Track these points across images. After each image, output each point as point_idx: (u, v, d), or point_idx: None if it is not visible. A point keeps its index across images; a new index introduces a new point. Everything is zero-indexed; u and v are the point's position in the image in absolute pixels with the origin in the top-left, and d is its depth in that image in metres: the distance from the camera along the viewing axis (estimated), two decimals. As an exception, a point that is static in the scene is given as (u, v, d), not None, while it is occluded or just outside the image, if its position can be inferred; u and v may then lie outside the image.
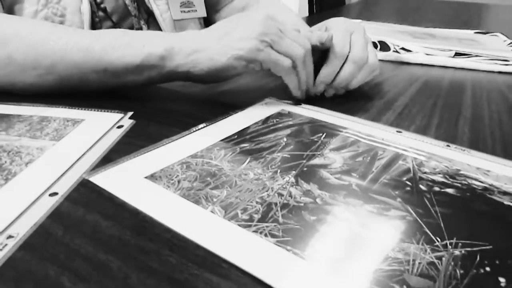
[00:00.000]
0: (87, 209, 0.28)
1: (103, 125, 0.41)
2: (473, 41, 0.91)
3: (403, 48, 0.78)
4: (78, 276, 0.23)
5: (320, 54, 0.51)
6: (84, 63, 0.44)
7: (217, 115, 0.44)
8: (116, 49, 0.44)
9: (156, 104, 0.48)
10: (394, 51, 0.77)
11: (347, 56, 0.50)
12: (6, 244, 0.25)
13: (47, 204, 0.29)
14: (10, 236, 0.26)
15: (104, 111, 0.44)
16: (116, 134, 0.39)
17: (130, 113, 0.44)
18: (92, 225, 0.27)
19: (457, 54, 0.78)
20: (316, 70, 0.50)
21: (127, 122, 0.42)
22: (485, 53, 0.79)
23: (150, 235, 0.26)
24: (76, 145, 0.37)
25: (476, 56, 0.78)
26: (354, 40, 0.50)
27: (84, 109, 0.44)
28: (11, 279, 0.22)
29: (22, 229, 0.26)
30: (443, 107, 0.53)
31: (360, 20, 1.04)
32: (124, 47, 0.44)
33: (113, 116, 0.43)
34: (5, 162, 0.33)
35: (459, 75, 0.71)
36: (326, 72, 0.50)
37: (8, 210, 0.28)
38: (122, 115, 0.43)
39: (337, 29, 0.51)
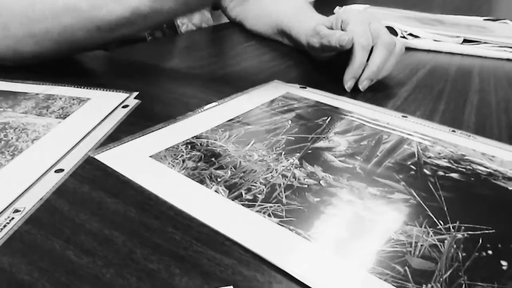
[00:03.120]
0: (92, 186, 0.29)
1: (109, 104, 0.41)
2: (482, 27, 0.89)
3: (410, 34, 0.77)
4: (83, 250, 0.23)
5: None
6: (76, 24, 0.43)
7: (222, 96, 0.44)
8: (104, 4, 0.43)
9: (161, 84, 0.48)
10: (401, 36, 0.76)
11: (376, 43, 0.49)
12: (13, 218, 0.25)
13: (53, 180, 0.29)
14: (16, 210, 0.26)
15: (110, 91, 0.44)
16: (121, 114, 0.39)
17: (135, 93, 0.44)
18: (97, 201, 0.27)
19: (466, 41, 0.77)
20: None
21: (132, 102, 0.42)
22: (494, 40, 0.78)
23: (154, 213, 0.26)
24: (81, 123, 0.37)
25: (485, 43, 0.77)
26: (376, 28, 0.50)
27: (90, 88, 0.44)
28: (18, 252, 0.23)
29: (28, 203, 0.26)
30: (449, 93, 0.53)
31: (367, 6, 1.03)
32: (111, 1, 0.43)
33: (118, 96, 0.43)
34: (12, 138, 0.34)
35: (467, 61, 0.70)
36: (356, 65, 0.49)
37: (14, 185, 0.28)
38: (127, 95, 0.43)
39: (354, 22, 0.50)
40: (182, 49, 0.68)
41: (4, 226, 0.24)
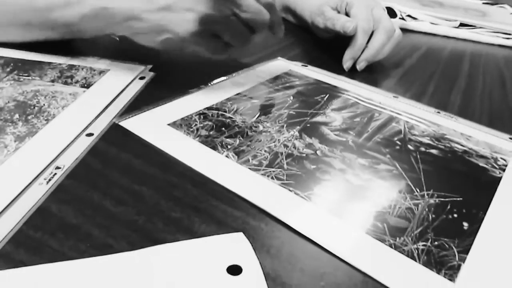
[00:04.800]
0: (119, 149, 0.33)
1: (127, 76, 0.45)
2: (479, 11, 0.93)
3: (409, 16, 0.81)
4: (118, 201, 0.28)
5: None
6: (34, 21, 0.44)
7: (230, 72, 0.48)
8: (56, 7, 0.42)
9: (173, 58, 0.52)
10: (400, 18, 0.80)
11: (377, 28, 0.53)
12: (55, 173, 0.30)
13: (85, 143, 0.33)
14: (57, 167, 0.30)
15: (126, 63, 0.47)
16: (139, 85, 0.43)
17: (150, 66, 0.47)
18: (125, 162, 0.32)
19: (462, 25, 0.81)
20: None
21: (148, 74, 0.46)
22: (489, 25, 0.81)
23: (175, 172, 0.31)
24: (104, 92, 0.41)
25: (480, 28, 0.80)
26: (378, 15, 0.54)
27: (107, 60, 0.48)
28: (64, 201, 0.27)
29: (67, 162, 0.31)
30: (440, 76, 0.57)
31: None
32: (62, 7, 0.42)
33: (135, 68, 0.47)
34: (44, 105, 0.38)
35: (461, 45, 0.74)
36: (356, 47, 0.53)
37: (53, 146, 0.32)
38: (143, 67, 0.47)
39: (358, 6, 0.54)
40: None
41: (50, 179, 0.29)
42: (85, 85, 0.42)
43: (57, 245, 0.24)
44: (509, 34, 0.80)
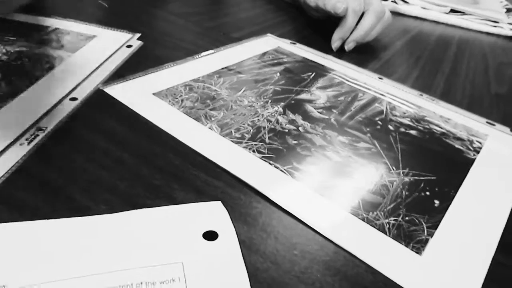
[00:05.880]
0: (103, 115, 0.33)
1: (114, 43, 0.44)
2: (471, -2, 0.93)
3: (401, -1, 0.81)
4: (100, 165, 0.28)
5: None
6: None
7: (218, 45, 0.48)
8: None
9: (162, 29, 0.52)
10: (392, 1, 0.80)
11: (368, 10, 0.53)
12: (37, 135, 0.30)
13: (69, 107, 0.33)
14: (40, 129, 0.30)
15: (114, 30, 0.47)
16: (126, 53, 0.43)
17: (138, 35, 0.47)
18: (109, 128, 0.32)
19: (452, 11, 0.81)
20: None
21: (135, 42, 0.45)
22: (479, 12, 0.82)
23: (157, 141, 0.31)
24: (90, 58, 0.40)
25: (469, 14, 0.81)
26: None
27: (95, 25, 0.47)
28: (46, 161, 0.28)
29: (50, 124, 0.31)
30: (426, 61, 0.58)
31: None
32: None
33: (122, 36, 0.46)
34: (28, 66, 0.37)
35: (449, 31, 0.74)
36: (346, 28, 0.53)
37: (35, 108, 0.32)
38: (131, 35, 0.47)
39: None
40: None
41: (31, 140, 0.29)
42: (71, 50, 0.41)
43: (37, 204, 0.25)
44: (497, 22, 0.81)
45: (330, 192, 0.29)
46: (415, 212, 0.29)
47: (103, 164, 0.28)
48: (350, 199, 0.29)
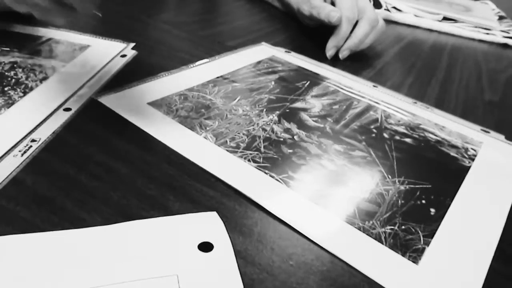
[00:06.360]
0: (97, 125, 0.33)
1: (108, 53, 0.44)
2: (463, 6, 0.94)
3: (394, 7, 0.81)
4: (93, 176, 0.28)
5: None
6: None
7: (213, 54, 0.48)
8: None
9: (156, 38, 0.52)
10: (385, 9, 0.80)
11: (362, 18, 0.53)
12: (31, 146, 0.29)
13: (63, 117, 0.33)
14: (33, 140, 0.30)
15: (108, 40, 0.47)
16: (120, 62, 0.43)
17: (132, 44, 0.47)
18: (103, 138, 0.32)
19: (445, 19, 0.82)
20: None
21: (129, 52, 0.45)
22: (471, 20, 0.82)
23: (152, 151, 0.31)
24: (84, 68, 0.40)
25: (462, 22, 0.81)
26: (363, 5, 0.54)
27: (89, 35, 0.47)
28: (39, 173, 0.27)
29: (43, 135, 0.31)
30: (420, 68, 0.58)
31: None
32: None
33: (117, 45, 0.46)
34: (21, 77, 0.37)
35: (442, 39, 0.75)
36: (340, 36, 0.53)
37: (29, 118, 0.32)
38: (125, 45, 0.46)
39: None
40: (176, 2, 0.70)
41: (25, 152, 0.29)
42: (65, 60, 0.41)
43: (30, 217, 0.24)
44: (489, 29, 0.82)
45: (325, 201, 0.29)
46: (411, 221, 0.29)
47: (97, 175, 0.28)
48: (346, 208, 0.29)
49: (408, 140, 0.38)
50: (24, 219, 0.24)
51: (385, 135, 0.38)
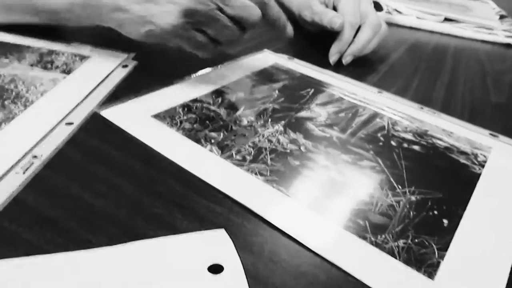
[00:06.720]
0: (100, 139, 0.32)
1: (109, 63, 0.43)
2: (463, 6, 0.93)
3: (395, 10, 0.81)
4: (98, 194, 0.27)
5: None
6: (18, 6, 0.43)
7: (216, 62, 0.48)
8: None
9: (157, 47, 0.51)
10: (386, 12, 0.80)
11: (364, 23, 0.53)
12: (33, 163, 0.29)
13: (65, 132, 0.32)
14: (34, 157, 0.29)
15: (109, 50, 0.46)
16: (122, 73, 0.42)
17: (133, 54, 0.46)
18: (106, 153, 0.31)
19: (446, 19, 0.81)
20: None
21: (131, 62, 0.45)
22: (472, 20, 0.82)
23: (157, 166, 0.31)
24: (85, 79, 0.40)
25: (463, 23, 0.81)
26: (366, 9, 0.54)
27: (89, 46, 0.46)
28: (41, 192, 0.27)
29: (45, 151, 0.30)
30: (424, 71, 0.58)
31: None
32: None
33: (117, 55, 0.45)
34: (22, 90, 0.36)
35: (444, 40, 0.74)
36: (343, 42, 0.53)
37: (30, 134, 0.31)
38: (126, 55, 0.46)
39: (346, 1, 0.54)
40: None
41: (26, 169, 0.28)
42: (66, 71, 0.41)
43: (33, 238, 0.24)
44: (492, 29, 0.81)
45: (336, 215, 0.28)
46: (424, 233, 0.28)
47: (101, 193, 0.27)
48: (357, 221, 0.28)
49: (416, 147, 0.38)
50: (27, 241, 0.23)
51: (393, 143, 0.38)
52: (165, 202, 0.28)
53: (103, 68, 0.42)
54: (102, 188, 0.28)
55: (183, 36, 0.39)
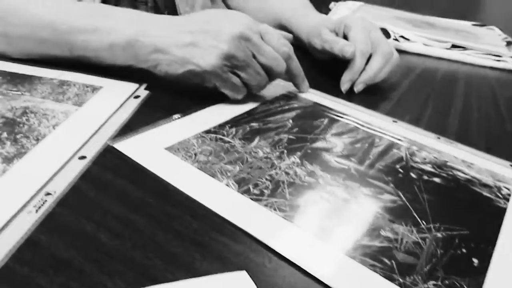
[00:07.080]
0: (114, 174, 0.31)
1: (121, 94, 0.43)
2: (469, 33, 0.94)
3: (402, 37, 0.81)
4: (113, 233, 0.26)
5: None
6: (51, 40, 0.44)
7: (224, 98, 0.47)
8: (82, 32, 0.42)
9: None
10: (394, 39, 0.80)
11: (376, 52, 0.53)
12: (46, 200, 0.28)
13: (78, 167, 0.32)
14: (48, 193, 0.28)
15: (120, 80, 0.46)
16: (134, 104, 0.42)
17: (145, 84, 0.46)
18: (120, 189, 0.30)
19: (454, 46, 0.81)
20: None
21: (143, 92, 0.44)
22: (480, 47, 0.82)
23: (172, 201, 0.30)
24: (98, 111, 0.39)
25: (471, 49, 0.81)
26: (377, 37, 0.53)
27: (101, 76, 0.46)
28: (54, 231, 0.26)
29: (58, 187, 0.29)
30: (436, 99, 0.57)
31: (361, 3, 1.06)
32: (90, 33, 0.42)
33: (129, 86, 0.45)
34: (34, 123, 0.36)
35: (453, 67, 0.74)
36: (354, 70, 0.52)
37: (43, 169, 0.31)
38: (137, 85, 0.45)
39: (356, 29, 0.53)
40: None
41: (39, 207, 0.27)
42: (78, 103, 0.40)
43: (47, 283, 0.22)
44: (499, 56, 0.81)
45: (362, 255, 0.27)
46: (454, 274, 0.27)
47: (116, 232, 0.26)
48: (383, 261, 0.27)
49: (436, 179, 0.37)
50: (39, 286, 0.22)
51: (413, 175, 0.37)
52: (182, 240, 0.26)
53: (115, 99, 0.42)
54: (117, 226, 0.27)
55: (221, 76, 0.42)
